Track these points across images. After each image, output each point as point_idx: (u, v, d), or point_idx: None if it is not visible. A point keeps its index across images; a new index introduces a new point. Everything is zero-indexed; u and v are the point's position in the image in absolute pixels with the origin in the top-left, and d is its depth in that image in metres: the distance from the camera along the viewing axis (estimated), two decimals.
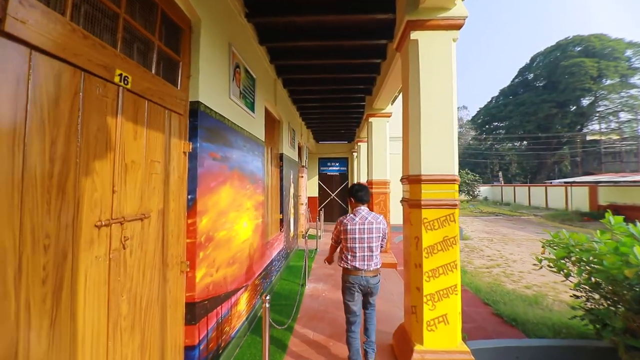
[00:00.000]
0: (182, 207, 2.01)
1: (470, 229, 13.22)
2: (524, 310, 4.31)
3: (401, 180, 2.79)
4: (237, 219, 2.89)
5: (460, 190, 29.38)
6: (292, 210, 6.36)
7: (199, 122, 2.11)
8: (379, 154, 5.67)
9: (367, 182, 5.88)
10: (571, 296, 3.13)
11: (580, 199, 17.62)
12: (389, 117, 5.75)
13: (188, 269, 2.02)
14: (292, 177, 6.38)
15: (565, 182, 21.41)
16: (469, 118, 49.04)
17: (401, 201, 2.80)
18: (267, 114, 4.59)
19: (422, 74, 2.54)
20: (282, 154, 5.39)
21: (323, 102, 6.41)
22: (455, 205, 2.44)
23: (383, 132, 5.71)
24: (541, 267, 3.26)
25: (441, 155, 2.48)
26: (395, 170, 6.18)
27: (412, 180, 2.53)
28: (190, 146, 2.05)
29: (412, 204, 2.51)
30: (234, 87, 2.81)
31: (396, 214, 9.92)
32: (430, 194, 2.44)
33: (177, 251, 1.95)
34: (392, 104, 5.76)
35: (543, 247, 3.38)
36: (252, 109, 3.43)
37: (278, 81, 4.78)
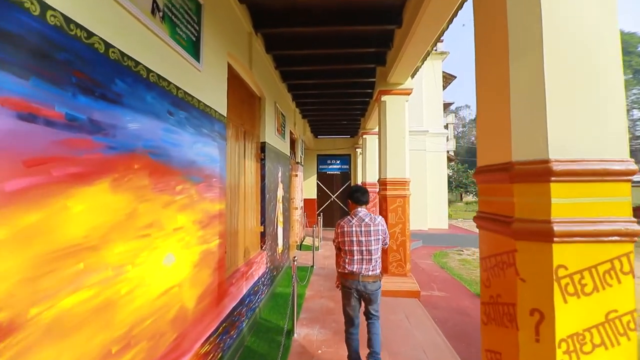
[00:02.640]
0: None
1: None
2: None
3: (476, 175, 1.35)
4: (143, 254, 1.45)
5: (467, 192, 26.84)
6: (280, 218, 4.91)
7: None
8: (395, 143, 4.20)
9: (378, 181, 4.43)
10: None
11: None
12: (409, 94, 4.30)
13: None
14: (280, 175, 4.93)
15: None
16: (473, 117, 47.69)
17: (476, 219, 1.35)
18: (237, 80, 3.15)
19: None
20: (265, 143, 3.95)
21: (321, 79, 4.94)
22: (635, 234, 1.01)
23: (401, 114, 4.25)
24: None
25: (594, 122, 1.05)
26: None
27: (520, 174, 1.08)
28: None
29: (522, 231, 1.06)
30: None
31: (414, 221, 8.53)
32: (574, 206, 1.01)
33: None
34: (412, 78, 4.33)
35: None
36: (196, 55, 2.00)
37: (256, 38, 3.34)
